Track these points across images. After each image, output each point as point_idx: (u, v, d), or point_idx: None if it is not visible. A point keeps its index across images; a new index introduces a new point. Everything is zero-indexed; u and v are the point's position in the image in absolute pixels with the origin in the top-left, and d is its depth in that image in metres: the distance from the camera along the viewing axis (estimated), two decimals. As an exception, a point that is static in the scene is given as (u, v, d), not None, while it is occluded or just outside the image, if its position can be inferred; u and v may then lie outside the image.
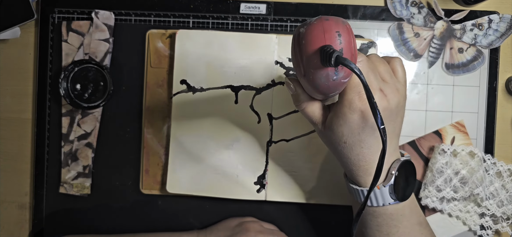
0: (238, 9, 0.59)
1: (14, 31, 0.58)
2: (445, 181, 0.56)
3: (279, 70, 0.56)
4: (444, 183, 0.56)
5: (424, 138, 0.59)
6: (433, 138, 0.59)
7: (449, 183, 0.56)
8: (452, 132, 0.59)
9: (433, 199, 0.57)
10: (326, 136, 0.44)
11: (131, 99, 0.59)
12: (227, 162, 0.57)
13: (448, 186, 0.56)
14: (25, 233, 0.61)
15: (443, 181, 0.56)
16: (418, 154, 0.59)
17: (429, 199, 0.57)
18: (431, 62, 0.59)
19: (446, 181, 0.56)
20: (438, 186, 0.56)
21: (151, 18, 0.59)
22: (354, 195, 0.46)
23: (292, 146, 0.57)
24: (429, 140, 0.59)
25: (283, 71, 0.57)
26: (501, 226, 0.58)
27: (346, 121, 0.40)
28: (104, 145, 0.59)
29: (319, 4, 0.59)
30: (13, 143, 0.61)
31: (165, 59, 0.58)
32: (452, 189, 0.56)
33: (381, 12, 0.59)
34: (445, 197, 0.57)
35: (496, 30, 0.58)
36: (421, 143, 0.59)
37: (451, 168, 0.56)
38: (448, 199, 0.57)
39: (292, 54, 0.38)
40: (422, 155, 0.59)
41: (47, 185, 0.60)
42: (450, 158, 0.56)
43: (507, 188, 0.58)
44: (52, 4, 0.59)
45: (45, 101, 0.60)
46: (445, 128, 0.59)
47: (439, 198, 0.57)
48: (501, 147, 0.59)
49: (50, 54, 0.60)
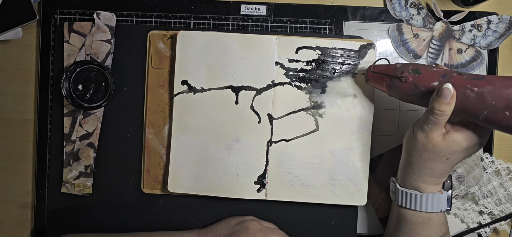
0: (238, 10, 0.59)
1: (16, 32, 0.59)
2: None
3: (279, 70, 0.57)
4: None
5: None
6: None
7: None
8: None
9: None
10: (434, 143, 0.45)
11: (133, 99, 0.59)
12: (228, 161, 0.57)
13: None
14: (27, 232, 0.61)
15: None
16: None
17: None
18: (431, 63, 0.59)
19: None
20: None
21: (152, 19, 0.60)
22: (405, 200, 0.49)
23: (292, 145, 0.57)
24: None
25: (283, 72, 0.57)
26: (499, 224, 0.59)
27: (470, 145, 0.45)
28: (106, 145, 0.60)
29: (319, 5, 0.59)
30: (15, 143, 0.61)
31: (166, 59, 0.59)
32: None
33: (381, 13, 0.59)
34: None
35: (495, 31, 0.58)
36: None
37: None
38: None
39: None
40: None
41: (49, 185, 0.60)
42: None
43: (505, 186, 0.58)
44: (53, 5, 0.60)
45: (47, 102, 0.60)
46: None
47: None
48: (500, 147, 0.59)
49: (52, 55, 0.60)
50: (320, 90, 0.57)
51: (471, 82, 0.42)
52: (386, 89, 0.50)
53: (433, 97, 0.43)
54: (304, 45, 0.57)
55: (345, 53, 0.57)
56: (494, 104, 0.40)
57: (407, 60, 0.59)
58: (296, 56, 0.57)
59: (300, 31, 0.59)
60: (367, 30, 0.59)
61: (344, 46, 0.57)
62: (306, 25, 0.59)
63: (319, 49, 0.57)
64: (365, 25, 0.59)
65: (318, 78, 0.57)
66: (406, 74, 0.47)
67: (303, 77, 0.57)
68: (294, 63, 0.57)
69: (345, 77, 0.57)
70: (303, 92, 0.57)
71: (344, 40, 0.57)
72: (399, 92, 0.48)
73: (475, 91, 0.41)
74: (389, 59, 0.59)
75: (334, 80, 0.57)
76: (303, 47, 0.57)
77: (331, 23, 0.59)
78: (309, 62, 0.57)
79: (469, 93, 0.42)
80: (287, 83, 0.57)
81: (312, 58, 0.57)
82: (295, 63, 0.57)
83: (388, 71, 0.49)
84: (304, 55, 0.57)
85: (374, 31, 0.59)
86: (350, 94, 0.57)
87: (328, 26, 0.59)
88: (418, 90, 0.46)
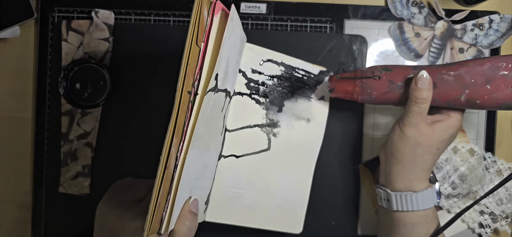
0: (238, 8, 0.59)
1: (14, 30, 0.58)
2: (443, 177, 0.56)
3: (241, 79, 0.55)
4: (442, 179, 0.56)
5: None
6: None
7: (448, 179, 0.56)
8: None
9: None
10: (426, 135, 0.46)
11: (131, 98, 0.59)
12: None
13: (447, 182, 0.56)
14: (25, 232, 0.61)
15: (442, 177, 0.56)
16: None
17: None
18: (432, 62, 0.59)
19: (445, 177, 0.56)
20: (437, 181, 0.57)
21: (151, 18, 0.59)
22: (401, 203, 0.48)
23: (240, 163, 0.55)
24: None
25: (244, 81, 0.55)
26: (500, 225, 0.58)
27: (454, 131, 0.47)
28: (104, 145, 0.59)
29: (319, 3, 0.59)
30: (13, 142, 0.61)
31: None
32: (451, 186, 0.56)
33: (382, 12, 0.59)
34: (443, 193, 0.57)
35: (496, 30, 0.58)
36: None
37: (451, 164, 0.56)
38: (445, 195, 0.57)
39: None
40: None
41: (46, 185, 0.60)
42: (450, 154, 0.56)
43: (507, 187, 0.58)
44: (51, 3, 0.59)
45: (44, 101, 0.60)
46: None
47: (437, 193, 0.57)
48: (502, 147, 0.59)
49: (50, 53, 0.59)
50: (277, 108, 0.56)
51: (446, 68, 0.46)
52: (357, 94, 0.49)
53: (412, 87, 0.46)
54: (270, 58, 0.55)
55: (305, 75, 0.56)
56: (474, 81, 0.44)
57: (409, 60, 0.59)
58: (260, 67, 0.55)
59: (300, 30, 0.59)
60: (368, 29, 0.59)
61: (306, 68, 0.56)
62: (307, 23, 0.59)
63: (283, 66, 0.56)
64: (366, 23, 0.59)
65: (277, 96, 0.56)
66: (378, 73, 0.48)
67: (263, 91, 0.55)
68: (257, 74, 0.55)
69: (302, 100, 0.56)
70: (260, 107, 0.55)
71: (307, 62, 0.56)
72: (374, 92, 0.48)
73: (453, 75, 0.45)
74: (390, 59, 0.59)
75: (291, 101, 0.56)
76: (269, 60, 0.56)
77: (331, 21, 0.59)
78: (271, 77, 0.56)
79: (447, 78, 0.45)
80: (247, 94, 0.55)
81: (275, 73, 0.56)
82: (258, 75, 0.55)
83: (356, 76, 0.49)
84: (268, 69, 0.56)
85: (375, 30, 0.59)
86: (304, 118, 0.55)
87: (329, 24, 0.59)
88: (395, 85, 0.47)
